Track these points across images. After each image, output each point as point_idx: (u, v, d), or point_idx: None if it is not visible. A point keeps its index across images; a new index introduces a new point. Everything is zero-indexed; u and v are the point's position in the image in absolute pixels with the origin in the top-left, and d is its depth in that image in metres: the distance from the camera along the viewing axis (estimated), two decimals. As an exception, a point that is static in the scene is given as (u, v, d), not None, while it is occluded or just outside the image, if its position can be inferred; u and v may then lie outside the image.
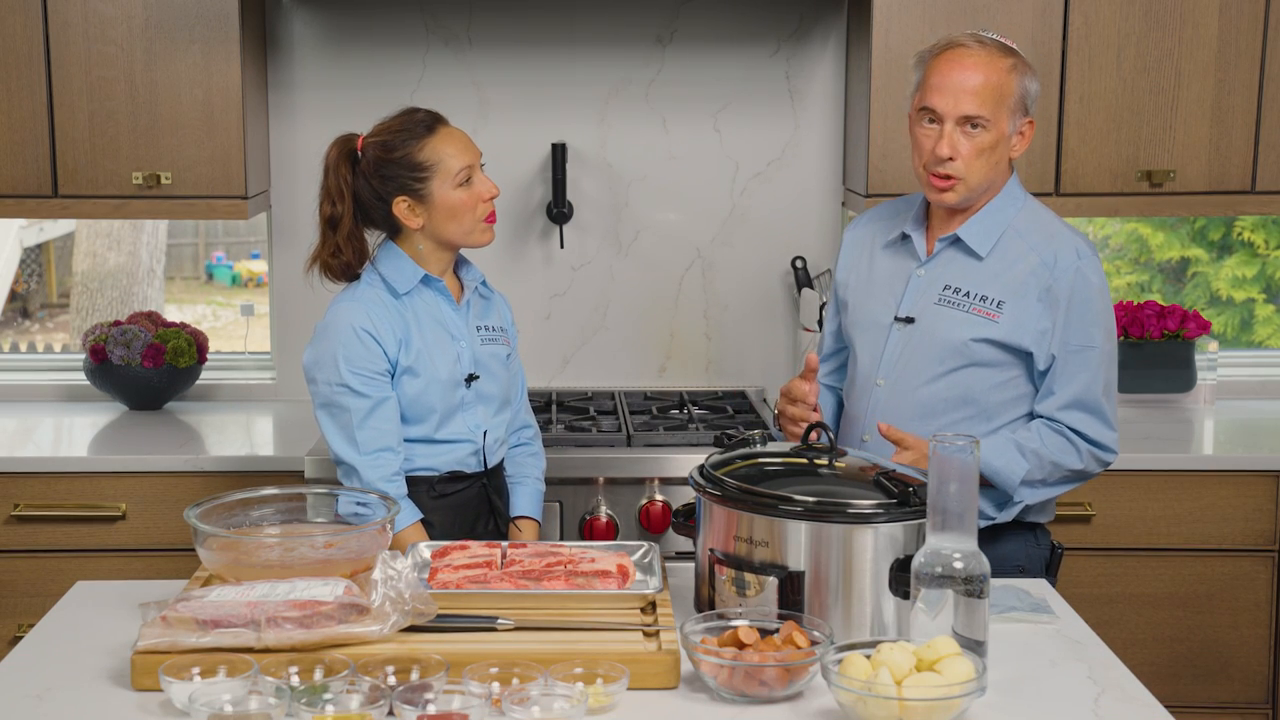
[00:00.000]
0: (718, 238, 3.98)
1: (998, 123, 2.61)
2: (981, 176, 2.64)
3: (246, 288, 10.11)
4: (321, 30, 3.88)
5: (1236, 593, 3.50)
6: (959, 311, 2.65)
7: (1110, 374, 2.66)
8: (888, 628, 2.21)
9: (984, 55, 2.61)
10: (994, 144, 2.62)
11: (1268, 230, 6.40)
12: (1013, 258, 2.65)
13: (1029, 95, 2.64)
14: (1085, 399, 2.63)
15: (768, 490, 2.24)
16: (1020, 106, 2.63)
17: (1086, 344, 2.62)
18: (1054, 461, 2.63)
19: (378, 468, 2.70)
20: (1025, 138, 2.66)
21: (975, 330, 2.63)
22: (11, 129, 3.55)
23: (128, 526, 3.44)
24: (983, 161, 2.63)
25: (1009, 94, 2.61)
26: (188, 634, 2.11)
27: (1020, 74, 2.63)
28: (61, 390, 4.02)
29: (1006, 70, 2.61)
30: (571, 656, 2.08)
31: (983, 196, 2.68)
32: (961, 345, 2.64)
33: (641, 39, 3.90)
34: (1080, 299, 2.62)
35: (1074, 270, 2.62)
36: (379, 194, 2.74)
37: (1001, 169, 2.67)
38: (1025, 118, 2.65)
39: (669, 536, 3.33)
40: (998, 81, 2.60)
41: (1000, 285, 2.64)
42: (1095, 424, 2.64)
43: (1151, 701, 2.09)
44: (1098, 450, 2.66)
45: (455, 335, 2.80)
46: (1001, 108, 2.61)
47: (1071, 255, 2.63)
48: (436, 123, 2.76)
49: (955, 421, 2.66)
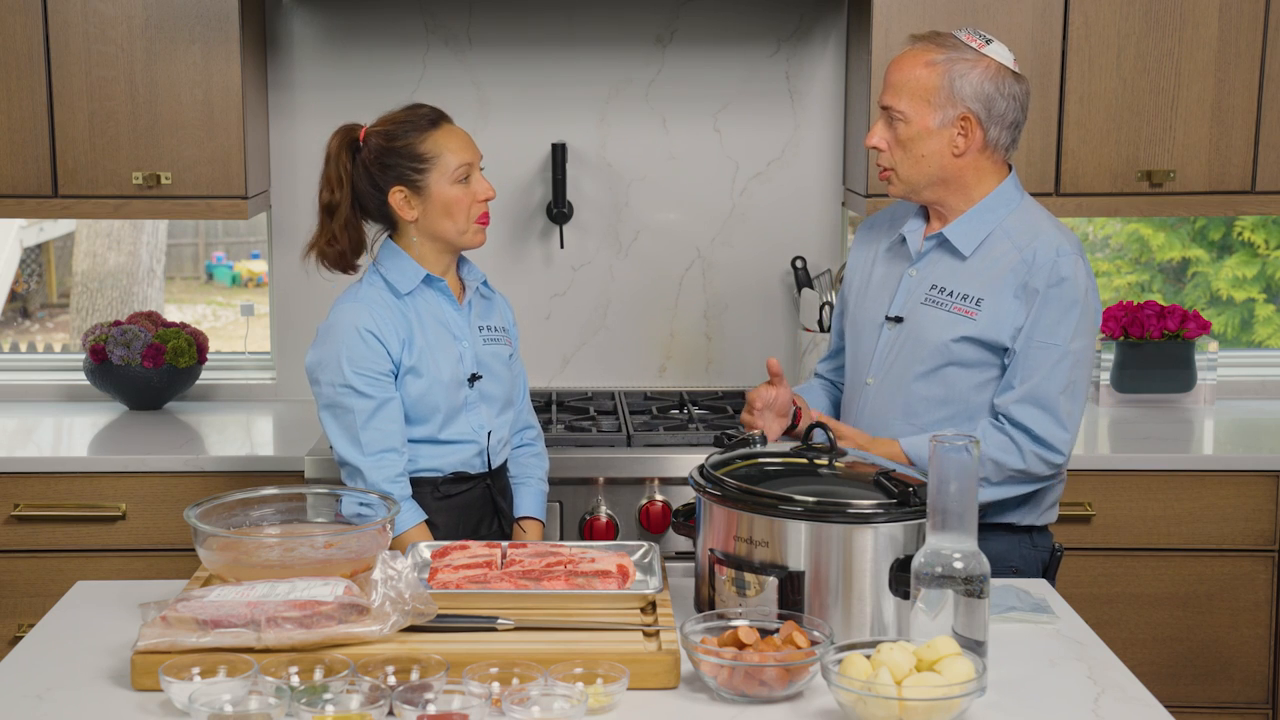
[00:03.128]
0: (718, 238, 3.99)
1: (917, 117, 2.62)
2: (911, 170, 2.65)
3: (246, 288, 10.11)
4: (321, 30, 3.88)
5: (1236, 593, 3.50)
6: (941, 311, 2.66)
7: (1075, 375, 2.61)
8: (888, 628, 2.21)
9: (917, 51, 2.64)
10: (913, 137, 2.63)
11: (1268, 230, 6.41)
12: (995, 256, 2.65)
13: (964, 91, 2.60)
14: (1039, 395, 2.60)
15: (768, 490, 2.24)
16: (950, 100, 2.60)
17: (1050, 341, 2.60)
18: (992, 459, 2.60)
19: (382, 468, 2.70)
20: (968, 136, 2.62)
21: (955, 329, 2.64)
22: (11, 129, 3.55)
23: (128, 526, 3.44)
24: (906, 154, 2.65)
25: (930, 87, 2.60)
26: (188, 634, 2.11)
27: (953, 68, 2.60)
28: (61, 390, 4.02)
29: (931, 64, 2.61)
30: (571, 656, 2.08)
31: (950, 188, 2.66)
32: (943, 345, 2.65)
33: (641, 39, 3.90)
34: (1052, 296, 2.60)
35: (1050, 266, 2.60)
36: (377, 183, 2.74)
37: (938, 163, 2.64)
38: (960, 112, 2.61)
39: (669, 536, 3.33)
40: (916, 75, 2.61)
41: (980, 283, 2.64)
42: (1046, 421, 2.60)
43: (1151, 701, 2.09)
44: (1043, 450, 2.61)
45: (457, 335, 2.80)
46: (919, 101, 2.61)
47: (1051, 253, 2.61)
48: (441, 119, 2.78)
49: (938, 421, 2.67)
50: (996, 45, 2.65)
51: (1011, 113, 2.64)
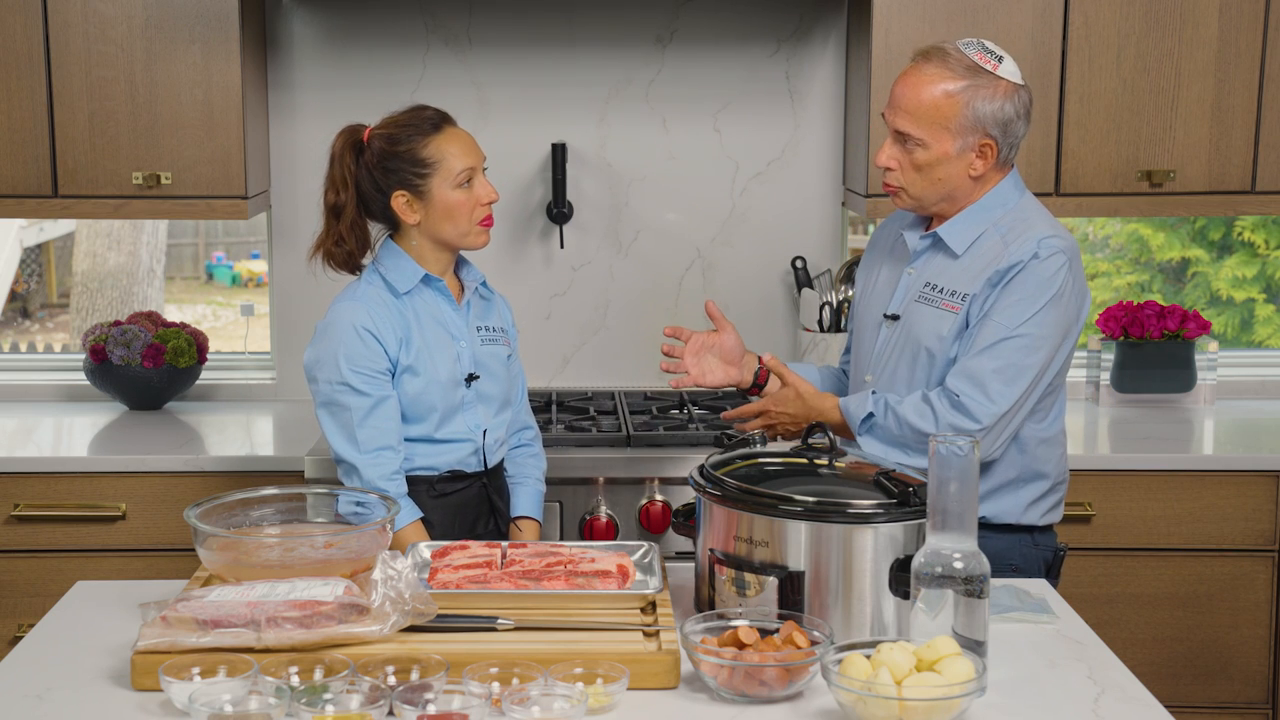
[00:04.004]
0: (718, 238, 3.99)
1: (936, 143, 2.60)
2: (924, 190, 2.65)
3: (246, 288, 10.12)
4: (321, 30, 3.88)
5: (1236, 593, 3.50)
6: (931, 308, 2.68)
7: (1018, 360, 2.55)
8: (888, 628, 2.21)
9: (933, 74, 2.59)
10: (931, 162, 2.62)
11: (1268, 230, 6.40)
12: (983, 250, 2.66)
13: (986, 117, 2.59)
14: (972, 368, 2.56)
15: (768, 490, 2.24)
16: (972, 128, 2.59)
17: (1000, 320, 2.57)
18: (903, 418, 2.57)
19: (378, 466, 2.70)
20: (986, 159, 2.62)
21: (941, 324, 2.65)
22: (11, 129, 3.55)
23: (128, 526, 3.44)
24: (921, 177, 2.64)
25: (951, 115, 2.58)
26: (188, 634, 2.11)
27: (975, 96, 2.58)
28: (61, 390, 4.02)
29: (952, 93, 2.58)
30: (571, 656, 2.08)
31: (958, 200, 2.67)
32: (931, 341, 2.66)
33: (641, 39, 3.90)
34: (1018, 278, 2.58)
35: (1026, 253, 2.58)
36: (379, 186, 2.75)
37: (954, 184, 2.64)
38: (982, 138, 2.60)
39: (669, 536, 3.33)
40: (937, 104, 2.58)
41: (969, 278, 2.65)
42: (974, 393, 2.55)
43: (1151, 701, 2.09)
44: (960, 416, 2.54)
45: (455, 335, 2.80)
46: (939, 128, 2.59)
47: (1031, 244, 2.59)
48: (444, 122, 2.77)
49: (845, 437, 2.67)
50: (1008, 63, 2.62)
51: (1022, 129, 2.65)
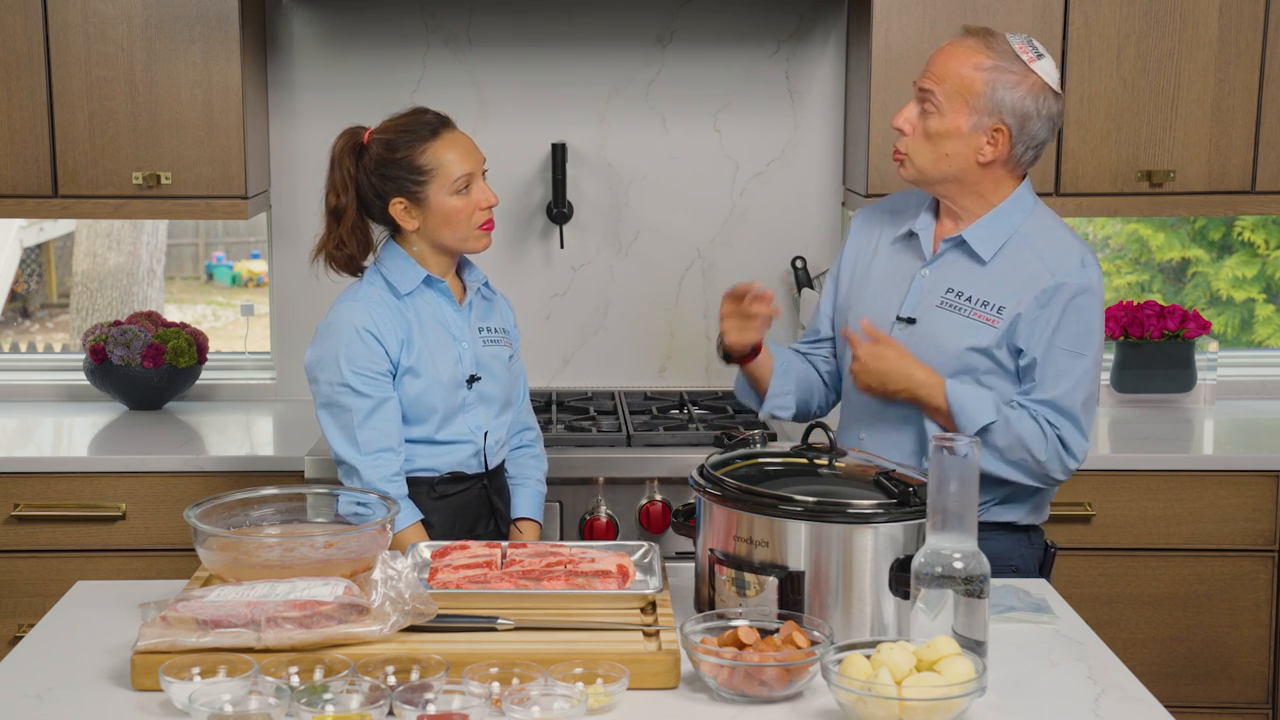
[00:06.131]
0: (718, 238, 3.98)
1: (952, 113, 2.59)
2: (928, 161, 2.63)
3: (246, 288, 10.12)
4: (321, 30, 3.88)
5: (1236, 593, 3.50)
6: (960, 316, 2.64)
7: (1094, 387, 2.64)
8: (888, 628, 2.21)
9: (971, 47, 2.60)
10: (942, 133, 2.60)
11: (1268, 230, 6.40)
12: (1018, 263, 2.63)
13: (1005, 103, 2.58)
14: (1064, 404, 2.60)
15: (768, 490, 2.24)
16: (989, 110, 2.58)
17: (1078, 351, 2.60)
18: (1020, 437, 2.58)
19: (378, 467, 2.70)
20: (996, 146, 2.60)
21: (974, 337, 2.62)
22: (11, 129, 3.55)
23: (128, 526, 3.44)
24: (929, 146, 2.62)
25: (973, 91, 2.58)
26: (188, 634, 2.11)
27: (1000, 79, 2.57)
28: (61, 390, 4.02)
29: (979, 67, 2.58)
30: (571, 656, 2.08)
31: (964, 186, 2.65)
32: (961, 351, 2.63)
33: (641, 39, 3.90)
34: (1079, 306, 2.60)
35: (1078, 277, 2.60)
36: (378, 191, 2.74)
37: (959, 164, 2.62)
38: (996, 123, 2.59)
39: (669, 536, 3.33)
40: (962, 74, 2.59)
41: (1001, 290, 2.63)
42: (1069, 428, 2.61)
43: (1151, 701, 2.09)
44: (1066, 455, 2.61)
45: (457, 336, 2.80)
46: (958, 99, 2.59)
47: (1076, 263, 2.61)
48: (443, 126, 2.76)
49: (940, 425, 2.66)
50: (1046, 62, 2.61)
51: (1043, 133, 2.63)
